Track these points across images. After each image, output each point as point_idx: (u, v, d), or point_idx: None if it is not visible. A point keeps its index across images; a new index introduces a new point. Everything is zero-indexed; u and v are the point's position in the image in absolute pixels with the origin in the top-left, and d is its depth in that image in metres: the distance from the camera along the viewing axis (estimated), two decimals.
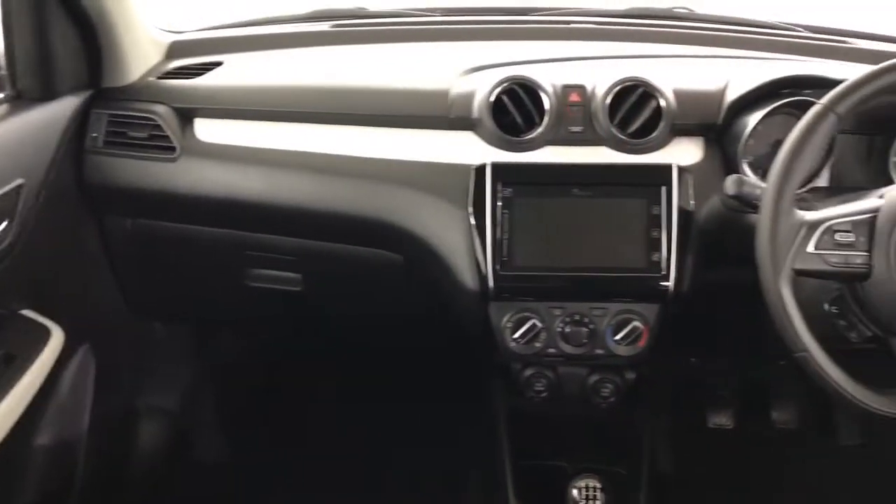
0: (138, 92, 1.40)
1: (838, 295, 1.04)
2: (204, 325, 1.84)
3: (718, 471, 1.84)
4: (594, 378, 1.33)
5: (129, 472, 1.83)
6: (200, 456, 1.94)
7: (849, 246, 0.97)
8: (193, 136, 1.35)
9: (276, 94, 1.36)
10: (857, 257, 0.97)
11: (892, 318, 0.97)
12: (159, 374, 1.89)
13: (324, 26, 1.59)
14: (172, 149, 1.34)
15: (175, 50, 1.52)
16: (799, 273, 0.97)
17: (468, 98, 1.28)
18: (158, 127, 1.35)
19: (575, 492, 1.07)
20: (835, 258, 0.97)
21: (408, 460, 1.89)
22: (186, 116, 1.37)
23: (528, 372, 1.33)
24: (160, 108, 1.36)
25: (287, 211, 1.30)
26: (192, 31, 1.63)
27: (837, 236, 0.97)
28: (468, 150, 1.27)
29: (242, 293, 1.45)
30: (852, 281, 1.00)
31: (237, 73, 1.44)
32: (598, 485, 1.07)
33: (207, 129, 1.36)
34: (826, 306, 1.05)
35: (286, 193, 1.30)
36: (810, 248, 0.97)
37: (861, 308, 1.01)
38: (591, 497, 1.06)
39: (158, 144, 1.35)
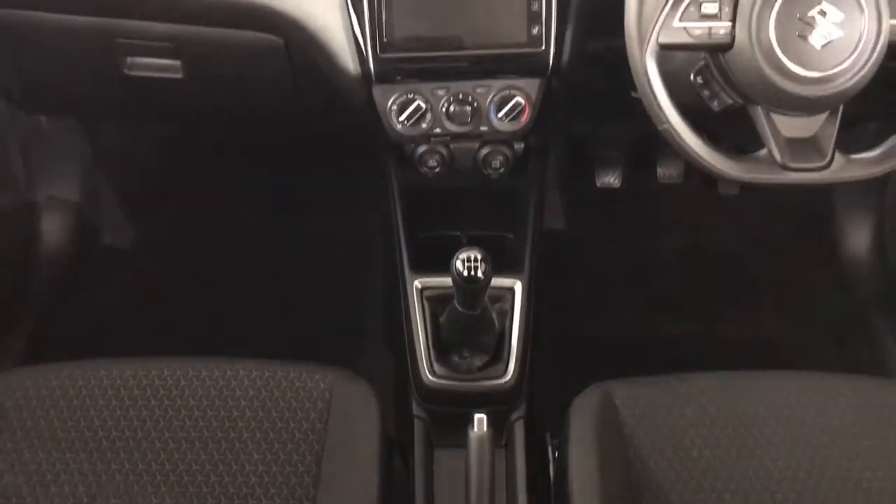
0: None
1: (703, 65, 1.06)
2: (89, 116, 1.79)
3: (606, 225, 1.97)
4: (484, 151, 1.36)
5: (38, 262, 1.86)
6: (109, 241, 1.97)
7: (713, 17, 0.98)
8: None
9: None
10: (721, 28, 0.99)
11: (751, 86, 1.01)
12: (54, 167, 1.87)
13: None
14: None
15: None
16: (663, 47, 0.99)
17: None
18: None
19: (458, 264, 1.14)
20: (699, 30, 0.98)
21: (310, 240, 1.95)
22: None
23: (421, 149, 1.35)
24: None
25: None
26: None
27: (703, 7, 0.98)
28: None
29: (122, 82, 1.39)
30: (715, 51, 1.02)
31: None
32: (479, 255, 1.14)
33: None
34: (692, 76, 1.08)
35: None
36: (675, 21, 0.98)
37: (723, 78, 1.04)
38: (473, 268, 1.14)
39: None
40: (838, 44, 0.97)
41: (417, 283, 1.39)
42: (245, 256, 1.96)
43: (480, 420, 1.08)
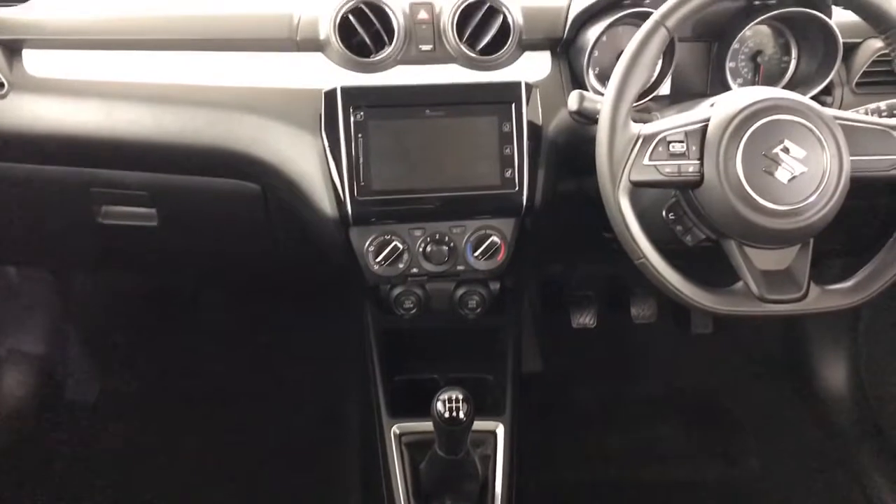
0: None
1: (675, 202, 1.09)
2: (61, 266, 1.77)
3: (583, 366, 1.96)
4: (460, 291, 1.37)
5: None
6: (71, 397, 1.90)
7: (682, 155, 1.02)
8: (22, 70, 1.26)
9: (110, 22, 1.27)
10: (690, 166, 1.02)
11: (722, 220, 1.03)
12: (19, 319, 1.83)
13: None
14: (0, 85, 1.25)
15: None
16: (635, 184, 1.02)
17: (314, 19, 1.24)
18: None
19: (440, 405, 1.11)
20: (669, 168, 1.02)
21: (284, 391, 1.91)
22: (13, 49, 1.27)
23: (397, 291, 1.35)
24: None
25: (131, 146, 1.24)
26: None
27: (672, 147, 1.02)
28: (318, 73, 1.24)
29: (95, 232, 1.39)
30: (686, 188, 1.05)
31: None
32: (461, 396, 1.11)
33: (37, 62, 1.26)
34: (664, 213, 1.10)
35: (128, 127, 1.23)
36: (645, 160, 1.01)
37: (695, 213, 1.06)
38: (455, 409, 1.11)
39: None
40: (803, 179, 1.00)
41: (396, 429, 1.36)
42: (215, 410, 1.90)
43: None
